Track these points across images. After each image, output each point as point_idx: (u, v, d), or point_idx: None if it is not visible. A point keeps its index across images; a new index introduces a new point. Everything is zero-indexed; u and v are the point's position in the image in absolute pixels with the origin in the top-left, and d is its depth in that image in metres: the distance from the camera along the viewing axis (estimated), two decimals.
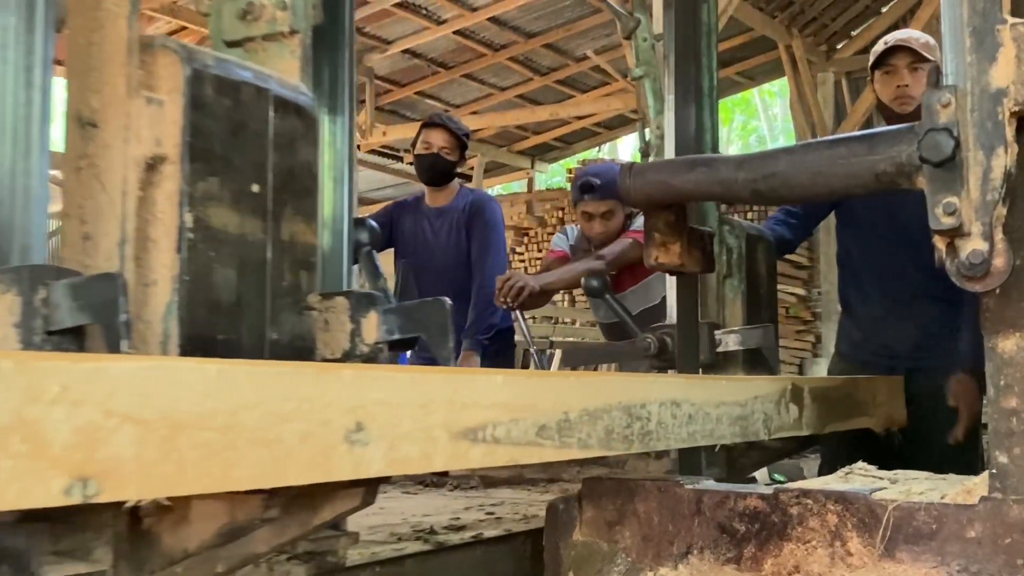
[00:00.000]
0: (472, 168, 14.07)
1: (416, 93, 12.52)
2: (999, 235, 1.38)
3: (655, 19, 3.63)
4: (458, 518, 1.99)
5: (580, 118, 13.56)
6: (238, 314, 1.24)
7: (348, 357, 1.37)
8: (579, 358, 2.97)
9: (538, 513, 1.93)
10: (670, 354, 2.23)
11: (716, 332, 2.25)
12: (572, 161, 14.39)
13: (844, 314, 3.46)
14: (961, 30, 1.40)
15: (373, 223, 1.68)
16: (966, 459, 3.15)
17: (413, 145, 4.42)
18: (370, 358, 1.37)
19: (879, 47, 3.20)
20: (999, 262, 1.38)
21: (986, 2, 1.38)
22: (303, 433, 0.99)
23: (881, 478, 1.70)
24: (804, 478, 3.37)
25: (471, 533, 1.86)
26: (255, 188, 1.26)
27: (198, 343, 1.18)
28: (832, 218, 3.48)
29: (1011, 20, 1.38)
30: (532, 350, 4.14)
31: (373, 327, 1.37)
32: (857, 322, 3.28)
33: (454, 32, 11.11)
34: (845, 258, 3.41)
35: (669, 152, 2.28)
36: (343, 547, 1.56)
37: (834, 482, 1.69)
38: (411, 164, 4.34)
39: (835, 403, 2.31)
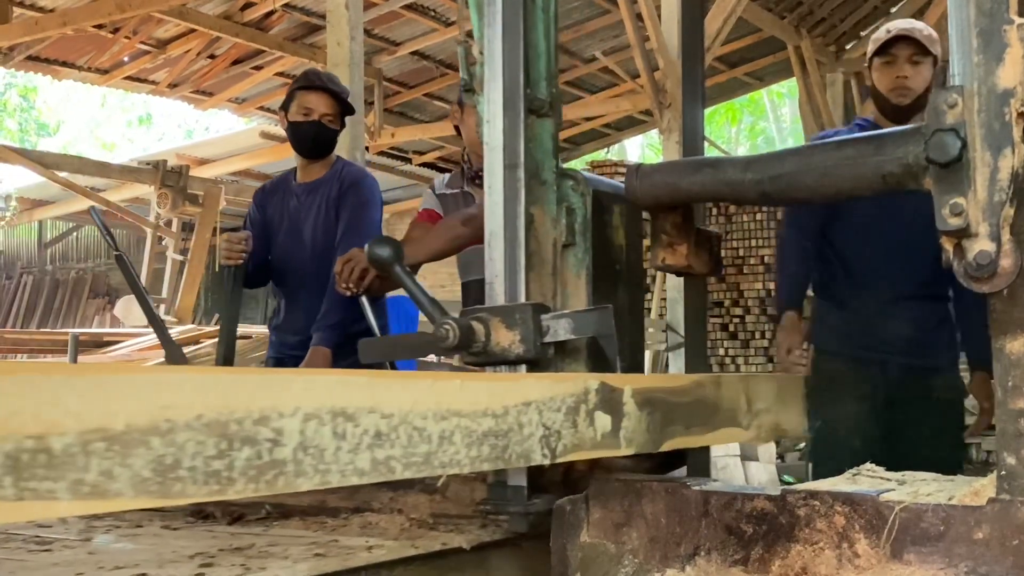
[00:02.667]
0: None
1: (424, 95, 12.55)
2: (1006, 236, 1.38)
3: None
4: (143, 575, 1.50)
5: (589, 119, 13.57)
6: None
7: None
8: (376, 352, 2.30)
9: (264, 566, 1.52)
10: (482, 346, 1.75)
11: (543, 317, 1.76)
12: (581, 162, 14.40)
13: (828, 307, 3.33)
14: (968, 31, 1.40)
15: None
16: (954, 457, 3.17)
17: (284, 108, 3.71)
18: None
19: (881, 34, 3.15)
20: (1006, 263, 1.38)
21: (993, 3, 1.38)
22: None
23: (889, 479, 1.70)
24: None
25: None
26: None
27: None
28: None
29: (1018, 21, 1.37)
30: None
31: None
32: (848, 316, 3.24)
33: None
34: (832, 252, 3.31)
35: (494, 83, 1.83)
36: None
37: (841, 483, 1.69)
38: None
39: (681, 410, 1.72)
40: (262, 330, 8.98)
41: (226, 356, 3.54)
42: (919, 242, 3.09)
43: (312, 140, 3.64)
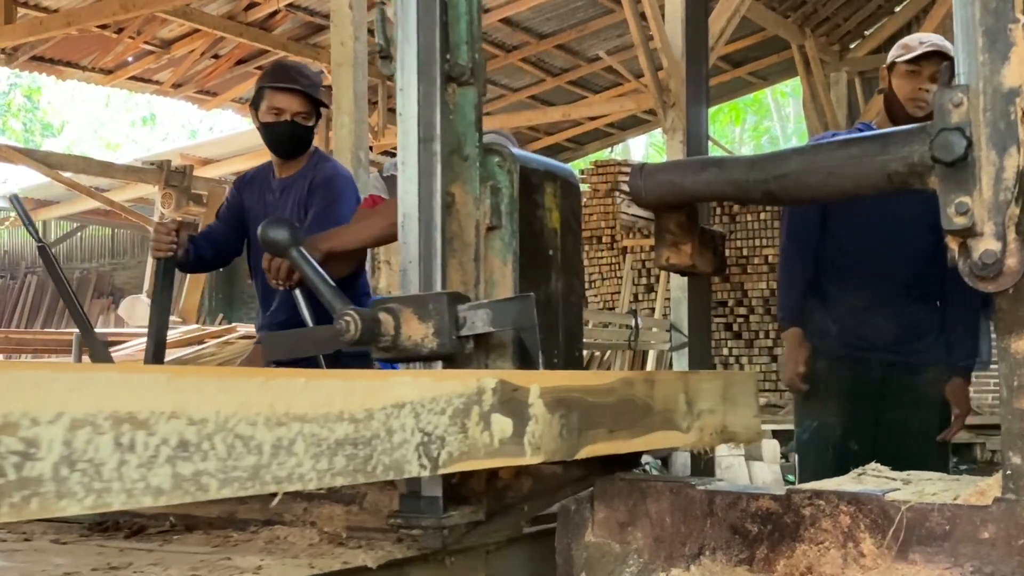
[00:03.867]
0: None
1: None
2: (1012, 235, 1.37)
3: None
4: None
5: (592, 119, 13.58)
6: None
7: None
8: (280, 348, 2.07)
9: None
10: (391, 340, 1.57)
11: (460, 308, 1.58)
12: (585, 162, 14.41)
13: (814, 305, 3.27)
14: (973, 30, 1.40)
15: None
16: (940, 454, 3.17)
17: (254, 105, 3.52)
18: None
19: (913, 43, 3.16)
20: (1012, 262, 1.37)
21: (999, 1, 1.38)
22: None
23: (894, 479, 1.69)
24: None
25: None
26: None
27: None
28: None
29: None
30: None
31: None
32: (833, 314, 3.23)
33: None
34: (821, 251, 3.27)
35: (407, 46, 1.67)
36: None
37: (847, 483, 1.68)
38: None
39: (604, 411, 1.50)
40: None
41: (155, 355, 3.34)
42: (905, 242, 3.12)
43: (286, 141, 3.48)
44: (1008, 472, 1.39)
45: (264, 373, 1.02)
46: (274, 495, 1.59)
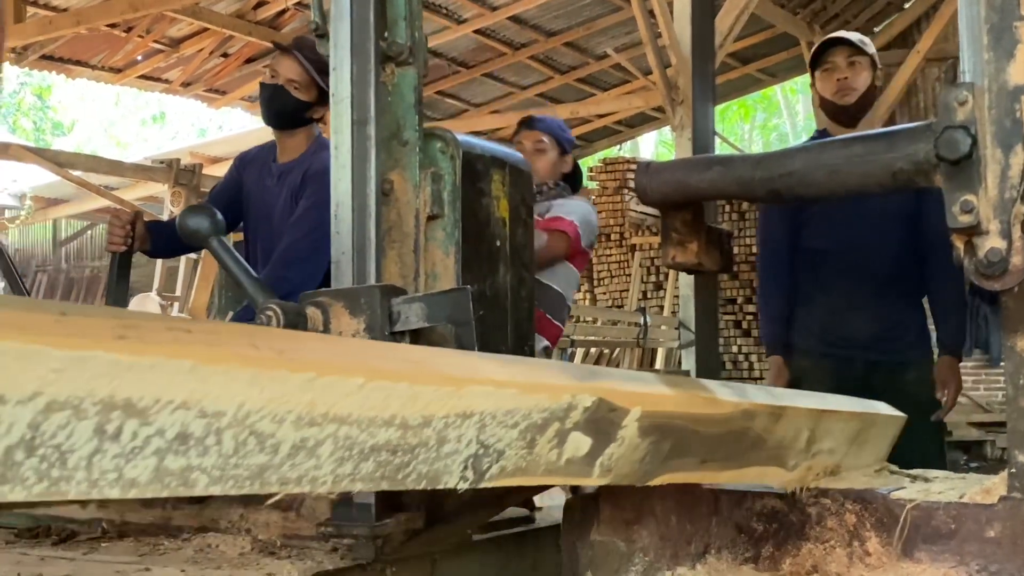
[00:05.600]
0: None
1: (437, 92, 12.54)
2: (1017, 233, 1.37)
3: None
4: None
5: (601, 116, 13.56)
6: None
7: None
8: None
9: None
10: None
11: (394, 301, 1.48)
12: (593, 159, 14.39)
13: (795, 304, 3.28)
14: (979, 27, 1.39)
15: None
16: (932, 451, 3.16)
17: None
18: None
19: (816, 47, 3.27)
20: (1017, 260, 1.37)
21: None
22: None
23: (900, 476, 1.69)
24: None
25: None
26: None
27: None
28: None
29: None
30: None
31: None
32: (814, 313, 3.23)
33: (474, 31, 11.13)
34: (797, 252, 3.28)
35: (340, 23, 1.59)
36: None
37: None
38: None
39: (703, 441, 1.32)
40: None
41: None
42: (882, 238, 3.13)
43: (274, 106, 3.27)
44: (1014, 471, 1.39)
45: (317, 367, 0.84)
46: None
